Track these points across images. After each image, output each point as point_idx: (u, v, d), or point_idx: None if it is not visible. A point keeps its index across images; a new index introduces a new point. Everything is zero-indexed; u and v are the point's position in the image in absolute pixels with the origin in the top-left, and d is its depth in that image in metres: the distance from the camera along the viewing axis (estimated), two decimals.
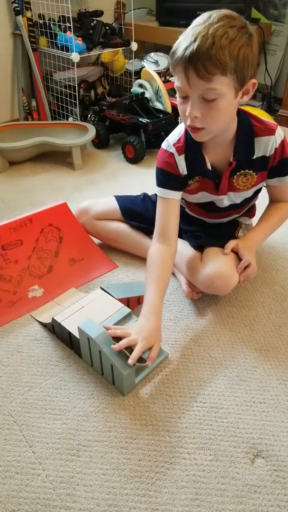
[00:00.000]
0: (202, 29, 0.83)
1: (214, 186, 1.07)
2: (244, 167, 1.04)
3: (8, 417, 0.87)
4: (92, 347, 0.92)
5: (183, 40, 0.85)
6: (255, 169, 1.05)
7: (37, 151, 1.91)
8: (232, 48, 0.82)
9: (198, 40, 0.82)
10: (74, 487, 0.76)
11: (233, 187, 1.08)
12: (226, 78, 0.84)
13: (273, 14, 2.49)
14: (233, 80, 0.86)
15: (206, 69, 0.82)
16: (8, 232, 1.17)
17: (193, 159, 1.04)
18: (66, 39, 1.98)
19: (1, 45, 2.08)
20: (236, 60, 0.83)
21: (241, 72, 0.85)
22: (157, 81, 2.05)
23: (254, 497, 0.75)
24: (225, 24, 0.83)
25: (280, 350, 1.02)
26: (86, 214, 1.30)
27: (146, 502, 0.74)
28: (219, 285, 1.06)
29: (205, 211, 1.17)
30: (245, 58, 0.85)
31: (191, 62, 0.83)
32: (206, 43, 0.81)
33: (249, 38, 0.85)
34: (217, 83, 0.84)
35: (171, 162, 1.05)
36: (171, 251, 1.06)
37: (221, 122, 0.93)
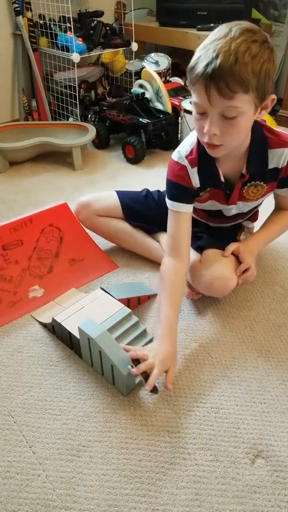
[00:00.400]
0: (224, 44, 0.78)
1: (225, 197, 1.06)
2: (255, 178, 1.03)
3: (8, 417, 0.87)
4: (93, 347, 0.92)
5: (204, 55, 0.81)
6: (266, 180, 1.04)
7: (37, 151, 1.91)
8: (255, 64, 0.79)
9: (220, 56, 0.77)
10: (74, 487, 0.76)
11: (243, 197, 1.07)
12: (248, 95, 0.81)
13: (273, 15, 2.49)
14: (254, 97, 0.83)
15: (228, 87, 0.79)
16: (9, 232, 1.17)
17: (206, 171, 1.01)
18: (67, 40, 1.98)
19: (2, 45, 2.08)
20: (258, 77, 0.81)
21: (262, 89, 0.83)
22: (158, 82, 2.05)
23: (255, 497, 0.75)
24: (247, 39, 0.79)
25: (281, 350, 1.02)
26: (87, 210, 1.28)
27: (146, 502, 0.74)
28: (218, 287, 1.06)
29: (211, 217, 1.17)
30: (266, 74, 0.82)
31: (213, 79, 0.79)
32: (229, 59, 0.77)
33: (270, 53, 0.82)
34: (239, 101, 0.81)
35: (184, 175, 1.01)
36: (184, 266, 1.03)
37: (239, 138, 0.91)
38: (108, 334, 0.92)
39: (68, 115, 2.21)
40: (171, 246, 1.04)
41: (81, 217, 1.29)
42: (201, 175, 1.02)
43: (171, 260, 1.03)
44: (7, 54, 2.12)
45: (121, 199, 1.29)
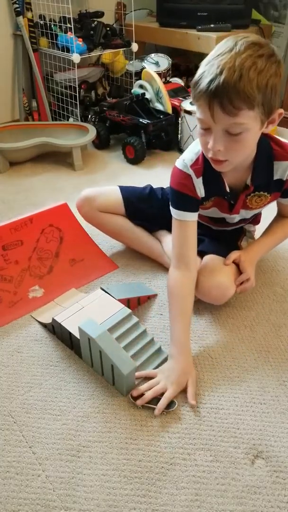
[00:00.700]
0: (229, 60, 0.76)
1: (229, 207, 1.06)
2: (260, 189, 1.02)
3: (8, 417, 0.87)
4: (93, 347, 0.92)
5: (207, 70, 0.79)
6: (270, 191, 1.03)
7: (37, 152, 1.91)
8: (261, 80, 0.77)
9: (224, 73, 0.76)
10: (74, 487, 0.76)
11: (246, 206, 1.06)
12: (253, 112, 0.80)
13: (274, 15, 2.49)
14: (260, 113, 0.81)
15: (232, 104, 0.77)
16: (9, 233, 1.17)
17: (211, 181, 1.00)
18: (67, 40, 1.98)
19: (2, 45, 2.08)
20: (264, 93, 0.79)
21: (269, 104, 0.81)
22: (158, 82, 2.05)
23: (254, 498, 0.75)
24: (253, 54, 0.77)
25: (280, 351, 1.02)
26: (89, 205, 1.25)
27: (146, 502, 0.74)
28: (216, 295, 1.06)
29: (214, 222, 1.17)
30: (273, 89, 0.80)
31: (217, 96, 0.77)
32: (234, 76, 0.75)
33: (277, 67, 0.80)
34: (243, 117, 0.80)
35: (188, 184, 1.00)
36: (191, 277, 1.02)
37: (244, 154, 0.90)
38: (108, 334, 0.92)
39: (68, 116, 2.21)
40: (177, 258, 1.02)
41: (83, 211, 1.27)
42: (206, 185, 1.01)
43: (178, 273, 1.01)
44: (8, 54, 2.12)
45: (124, 196, 1.26)
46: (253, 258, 1.11)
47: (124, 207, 1.26)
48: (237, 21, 2.17)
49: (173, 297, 1.00)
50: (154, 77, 2.07)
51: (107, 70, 2.45)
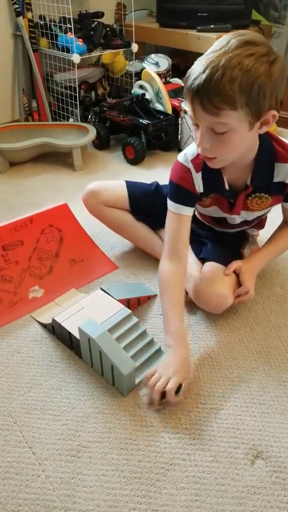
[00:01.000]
0: (215, 58, 0.75)
1: (228, 206, 1.05)
2: (260, 190, 1.02)
3: (8, 418, 0.87)
4: (93, 347, 0.92)
5: (196, 67, 0.78)
6: (271, 193, 1.03)
7: (37, 152, 1.91)
8: (245, 80, 0.75)
9: (207, 71, 0.75)
10: (74, 488, 0.76)
11: (247, 207, 1.06)
12: (236, 112, 0.78)
13: (274, 16, 2.50)
14: (246, 114, 0.79)
15: (212, 103, 0.76)
16: (9, 233, 1.17)
17: (210, 177, 1.00)
18: (67, 40, 1.98)
19: (2, 46, 2.08)
20: (249, 94, 0.76)
21: (256, 106, 0.78)
22: (158, 82, 2.05)
23: (254, 498, 0.75)
24: (241, 53, 0.75)
25: (280, 351, 1.02)
26: (95, 199, 1.25)
27: (146, 503, 0.74)
28: (215, 305, 1.06)
29: (216, 222, 1.17)
30: (260, 90, 0.77)
31: (198, 94, 0.77)
32: (215, 75, 0.74)
33: (269, 67, 0.76)
34: (225, 117, 0.78)
35: (188, 178, 1.00)
36: (182, 269, 1.03)
37: (234, 154, 0.89)
38: (108, 334, 0.92)
39: (68, 116, 2.21)
40: (170, 249, 1.03)
41: (88, 205, 1.27)
42: (205, 181, 1.01)
43: (170, 264, 1.02)
44: (8, 54, 2.12)
45: (129, 191, 1.26)
46: (254, 269, 1.10)
47: (128, 202, 1.26)
48: (237, 21, 2.17)
49: (167, 288, 1.00)
50: (154, 77, 2.07)
51: (107, 70, 2.45)
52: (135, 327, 1.00)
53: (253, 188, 1.00)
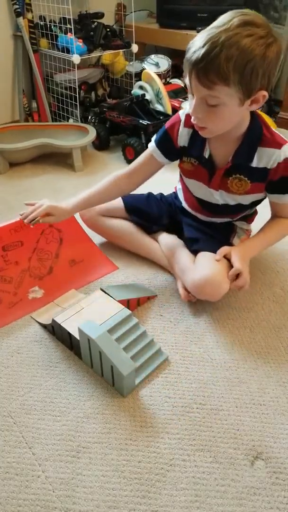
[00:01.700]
0: (216, 35, 0.79)
1: (208, 177, 1.08)
2: (240, 171, 1.03)
3: (8, 418, 0.87)
4: (92, 348, 0.92)
5: (197, 40, 0.82)
6: (251, 178, 1.04)
7: (37, 153, 1.91)
8: (240, 60, 0.79)
9: (206, 46, 0.79)
10: (74, 488, 0.76)
11: (226, 187, 1.08)
12: (229, 88, 0.82)
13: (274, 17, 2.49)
14: (237, 91, 0.83)
15: (207, 77, 0.81)
16: (9, 233, 1.17)
17: (196, 139, 1.05)
18: (67, 41, 1.99)
19: (2, 46, 2.08)
20: (242, 73, 0.80)
21: (247, 85, 0.82)
22: (158, 83, 2.05)
23: (254, 499, 0.75)
24: (241, 32, 0.78)
25: (280, 352, 1.02)
26: (91, 211, 1.29)
27: (146, 503, 0.74)
28: (210, 291, 1.06)
29: (201, 206, 1.18)
30: (253, 71, 0.80)
31: (195, 67, 0.82)
32: (213, 51, 0.78)
33: (265, 49, 0.80)
34: (218, 91, 0.83)
35: (175, 127, 1.08)
36: (127, 181, 1.16)
37: (223, 126, 0.93)
38: (108, 335, 0.92)
39: (68, 116, 2.21)
40: (128, 168, 1.16)
41: (85, 217, 1.31)
42: (191, 141, 1.07)
43: (121, 173, 1.16)
44: (8, 55, 2.12)
45: (124, 198, 1.31)
46: (245, 254, 1.09)
47: (123, 204, 1.30)
48: None
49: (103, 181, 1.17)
50: (154, 78, 2.07)
51: (107, 71, 2.46)
52: (135, 327, 1.00)
53: (233, 164, 1.03)
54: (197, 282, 1.06)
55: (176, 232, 1.27)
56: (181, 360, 1.00)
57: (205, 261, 1.09)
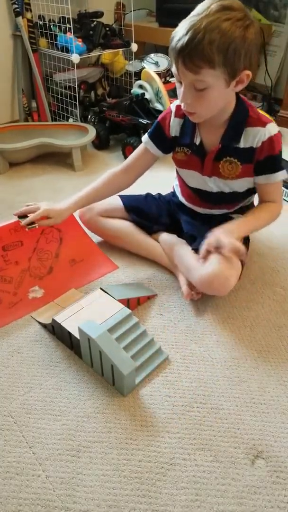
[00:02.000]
0: (197, 22, 0.84)
1: (200, 164, 1.11)
2: (230, 153, 1.06)
3: (8, 418, 0.87)
4: (93, 347, 0.92)
5: (180, 29, 0.87)
6: (240, 159, 1.06)
7: (37, 152, 1.91)
8: (222, 42, 0.84)
9: (189, 33, 0.84)
10: (74, 488, 0.76)
11: (218, 172, 1.10)
12: (215, 71, 0.87)
13: (274, 15, 2.49)
14: (223, 73, 0.88)
15: (193, 62, 0.86)
16: (9, 233, 1.17)
17: (186, 128, 1.10)
18: (66, 40, 1.99)
19: (1, 46, 2.08)
20: (225, 54, 0.85)
21: (231, 66, 0.88)
22: (157, 82, 2.05)
23: (254, 498, 0.75)
24: (221, 16, 0.84)
25: (281, 351, 1.02)
26: (90, 212, 1.30)
27: (146, 503, 0.74)
28: (217, 287, 1.06)
29: (198, 196, 1.20)
30: (236, 51, 0.86)
31: (181, 54, 0.86)
32: (197, 37, 0.83)
33: (244, 30, 0.85)
34: (205, 75, 0.88)
35: (167, 118, 1.13)
36: (124, 177, 1.19)
37: (211, 108, 0.98)
38: (108, 334, 0.92)
39: (68, 116, 2.21)
40: (123, 164, 1.20)
41: (85, 219, 1.32)
42: (182, 130, 1.11)
43: (117, 170, 1.19)
44: (7, 55, 2.12)
45: (123, 199, 1.32)
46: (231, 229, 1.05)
47: (123, 204, 1.31)
48: None
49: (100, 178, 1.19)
50: (153, 77, 2.07)
51: (106, 70, 2.45)
52: (135, 327, 1.00)
53: (221, 147, 1.05)
54: (205, 277, 1.05)
55: (176, 232, 1.27)
56: (181, 359, 1.00)
57: (211, 256, 1.08)
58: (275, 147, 1.04)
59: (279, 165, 1.07)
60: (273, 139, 1.03)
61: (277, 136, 1.04)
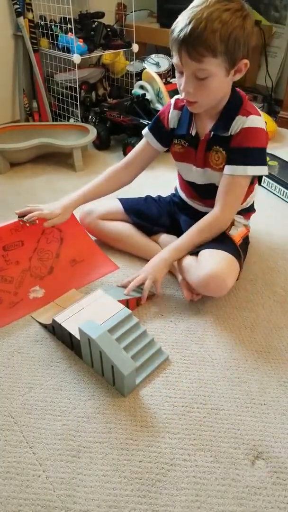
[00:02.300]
0: (198, 12, 0.87)
1: (194, 155, 1.13)
2: (217, 143, 1.08)
3: (8, 418, 0.87)
4: (93, 348, 0.92)
5: (180, 20, 0.91)
6: (225, 148, 1.07)
7: (38, 152, 1.91)
8: (224, 31, 0.87)
9: (192, 23, 0.87)
10: (75, 488, 0.76)
11: (208, 163, 1.11)
12: (217, 59, 0.90)
13: (274, 16, 2.50)
14: (224, 61, 0.91)
15: (196, 51, 0.88)
16: (9, 233, 1.17)
17: (184, 120, 1.12)
18: (67, 41, 1.99)
19: (2, 46, 2.08)
20: (227, 43, 0.89)
21: (232, 54, 0.91)
22: (158, 83, 2.05)
23: (255, 498, 0.75)
24: (220, 7, 0.87)
25: (281, 351, 1.02)
26: (91, 215, 1.32)
27: (146, 503, 0.74)
28: (214, 287, 1.06)
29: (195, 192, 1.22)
30: (236, 41, 0.89)
31: (184, 44, 0.89)
32: (199, 27, 0.86)
33: (242, 21, 0.89)
34: (207, 64, 0.91)
35: (166, 111, 1.16)
36: (125, 172, 1.22)
37: (212, 97, 1.00)
38: (108, 334, 0.92)
39: (69, 116, 2.21)
40: (124, 159, 1.22)
41: (85, 222, 1.33)
42: (180, 122, 1.14)
43: (118, 165, 1.22)
44: (8, 55, 2.12)
45: (122, 202, 1.33)
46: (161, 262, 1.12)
47: (122, 207, 1.32)
48: None
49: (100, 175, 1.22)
50: (154, 77, 2.07)
51: (107, 70, 2.46)
52: (135, 327, 1.00)
53: (212, 136, 1.07)
54: (202, 278, 1.06)
55: (176, 234, 1.27)
56: (181, 360, 1.00)
57: (209, 257, 1.09)
58: (251, 139, 1.02)
59: (249, 160, 1.04)
60: (251, 131, 1.02)
61: (258, 130, 1.03)
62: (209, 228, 1.13)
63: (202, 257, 1.11)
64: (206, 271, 1.05)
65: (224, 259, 1.08)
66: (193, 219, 1.24)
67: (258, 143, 1.04)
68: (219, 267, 1.05)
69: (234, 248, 1.13)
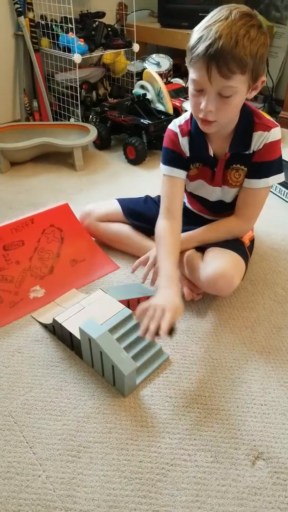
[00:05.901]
0: (226, 27, 0.84)
1: (211, 175, 1.10)
2: (237, 161, 1.06)
3: (8, 418, 0.87)
4: (93, 347, 0.92)
5: (206, 35, 0.85)
6: (246, 165, 1.06)
7: (38, 152, 1.91)
8: (253, 48, 0.85)
9: (223, 38, 0.83)
10: (75, 488, 0.76)
11: (227, 181, 1.10)
12: (244, 76, 0.88)
13: (275, 16, 2.49)
14: (249, 79, 0.89)
15: (228, 67, 0.85)
16: (10, 233, 1.17)
17: (196, 143, 1.07)
18: (68, 40, 1.99)
19: (3, 46, 2.08)
20: (254, 60, 0.87)
21: (257, 71, 0.89)
22: (159, 83, 2.05)
23: (255, 499, 0.75)
24: (246, 23, 0.85)
25: (281, 352, 1.02)
26: (90, 217, 1.32)
27: (147, 503, 0.74)
28: (222, 285, 1.05)
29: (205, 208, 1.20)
30: (261, 57, 0.88)
31: (214, 59, 0.84)
32: (231, 42, 0.83)
33: (265, 38, 0.88)
34: (235, 81, 0.87)
35: (176, 141, 1.09)
36: (177, 225, 1.09)
37: (231, 116, 0.98)
38: (109, 334, 0.92)
39: (69, 116, 2.21)
40: (166, 210, 1.10)
41: (85, 223, 1.33)
42: (192, 146, 1.08)
43: (166, 222, 1.09)
44: (9, 54, 2.12)
45: (121, 203, 1.33)
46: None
47: (121, 209, 1.31)
48: None
49: (162, 238, 1.07)
50: (155, 77, 2.07)
51: (108, 70, 2.46)
52: (136, 327, 0.99)
53: (231, 155, 1.05)
54: (210, 276, 1.05)
55: None
56: (182, 360, 1.00)
57: (216, 255, 1.09)
58: (272, 152, 1.04)
59: (272, 171, 1.06)
60: (273, 144, 1.03)
61: (278, 142, 1.04)
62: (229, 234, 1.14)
63: (210, 256, 1.10)
64: (214, 269, 1.05)
65: (232, 258, 1.08)
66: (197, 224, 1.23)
67: (278, 153, 1.05)
68: (228, 266, 1.05)
69: (243, 250, 1.13)
